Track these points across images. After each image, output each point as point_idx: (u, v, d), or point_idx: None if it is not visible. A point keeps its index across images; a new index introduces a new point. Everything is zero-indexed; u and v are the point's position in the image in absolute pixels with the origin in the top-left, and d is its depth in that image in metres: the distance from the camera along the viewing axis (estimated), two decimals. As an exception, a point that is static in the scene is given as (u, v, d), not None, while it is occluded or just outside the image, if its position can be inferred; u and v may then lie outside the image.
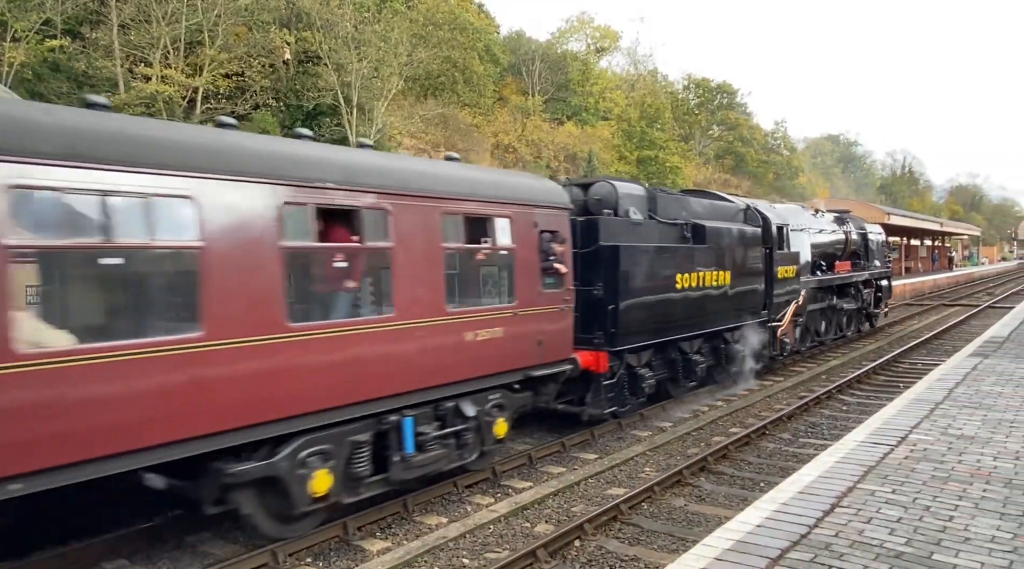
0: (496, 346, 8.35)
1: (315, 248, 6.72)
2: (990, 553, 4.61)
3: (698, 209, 13.56)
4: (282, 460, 6.30)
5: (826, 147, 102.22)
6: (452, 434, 8.02)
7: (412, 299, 7.30)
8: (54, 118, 5.16)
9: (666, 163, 48.44)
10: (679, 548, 6.80)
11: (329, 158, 6.89)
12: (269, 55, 29.72)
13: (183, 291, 5.72)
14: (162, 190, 5.38)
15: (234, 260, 5.77)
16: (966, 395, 9.34)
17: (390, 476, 7.37)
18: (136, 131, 5.56)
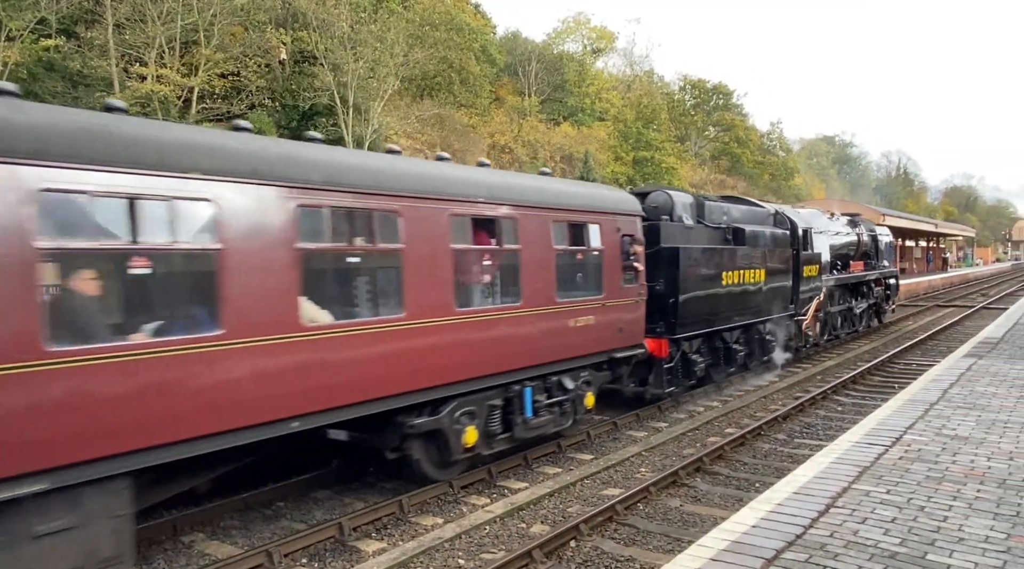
0: (589, 331, 10.04)
1: (471, 249, 8.43)
2: (984, 553, 4.62)
3: (736, 214, 15.03)
4: (445, 417, 8.01)
5: (822, 148, 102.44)
6: (556, 403, 9.70)
7: (533, 291, 9.00)
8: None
9: (662, 164, 48.54)
10: (675, 548, 6.81)
11: (480, 179, 8.67)
12: (265, 55, 29.69)
13: (395, 285, 7.47)
14: (385, 209, 7.48)
15: (424, 260, 7.58)
16: (960, 396, 9.37)
17: (514, 434, 9.05)
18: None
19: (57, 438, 4.81)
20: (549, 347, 9.29)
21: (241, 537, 7.30)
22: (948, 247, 74.35)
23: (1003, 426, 7.76)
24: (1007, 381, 10.30)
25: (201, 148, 5.84)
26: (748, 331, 14.86)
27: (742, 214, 15.30)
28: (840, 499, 5.65)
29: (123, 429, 5.17)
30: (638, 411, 12.24)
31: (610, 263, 10.41)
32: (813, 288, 17.46)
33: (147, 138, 5.53)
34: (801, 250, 16.69)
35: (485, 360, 8.32)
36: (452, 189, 8.04)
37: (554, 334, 9.35)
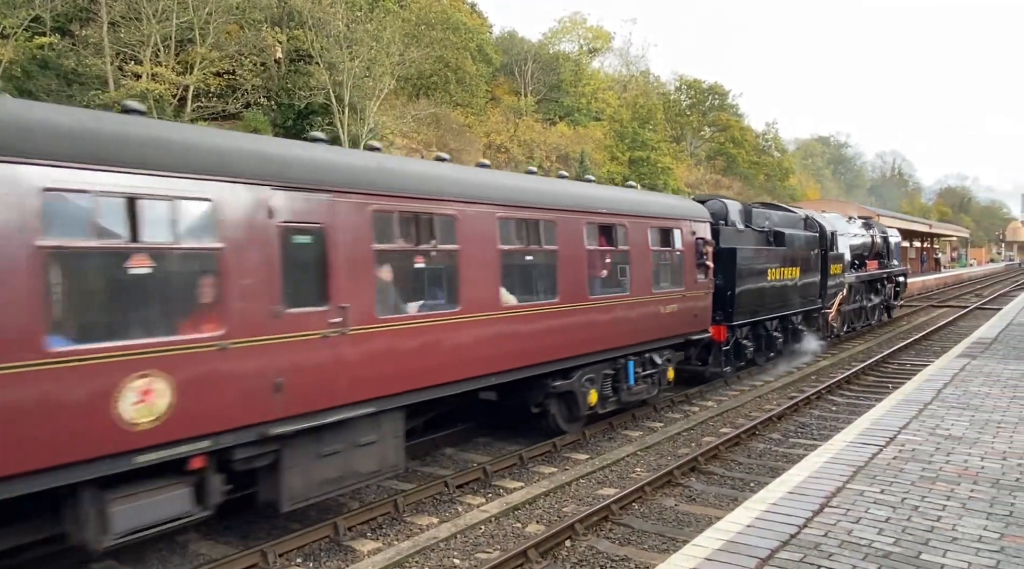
0: (673, 317, 12.26)
1: (597, 250, 10.61)
2: (977, 553, 4.64)
3: (776, 218, 17.05)
4: (575, 381, 10.18)
5: (816, 148, 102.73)
6: (648, 375, 11.83)
7: (637, 283, 11.28)
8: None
9: (658, 164, 48.57)
10: (669, 548, 6.82)
11: (601, 195, 11.09)
12: (260, 53, 29.62)
13: (553, 277, 9.72)
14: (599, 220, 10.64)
15: (569, 259, 9.88)
16: (954, 396, 9.40)
17: (620, 398, 11.20)
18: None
19: (377, 377, 7.22)
20: (646, 329, 11.61)
21: (235, 537, 7.28)
22: (942, 247, 74.56)
23: (996, 426, 7.79)
24: (1001, 381, 10.34)
25: (450, 182, 8.35)
26: (784, 321, 17.03)
27: (780, 219, 17.27)
28: (834, 499, 5.66)
29: (410, 374, 7.61)
30: (634, 411, 12.27)
31: (688, 261, 12.70)
32: (837, 284, 19.48)
33: (432, 177, 8.23)
34: (828, 251, 18.64)
35: (604, 337, 10.63)
36: (587, 204, 10.39)
37: (650, 318, 11.69)
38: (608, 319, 10.65)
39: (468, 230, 8.30)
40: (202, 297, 5.89)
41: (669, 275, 12.28)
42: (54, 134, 5.14)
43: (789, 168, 76.30)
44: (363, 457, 7.27)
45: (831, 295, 19.03)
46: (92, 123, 5.52)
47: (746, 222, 15.75)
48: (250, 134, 8.37)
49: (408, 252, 7.78)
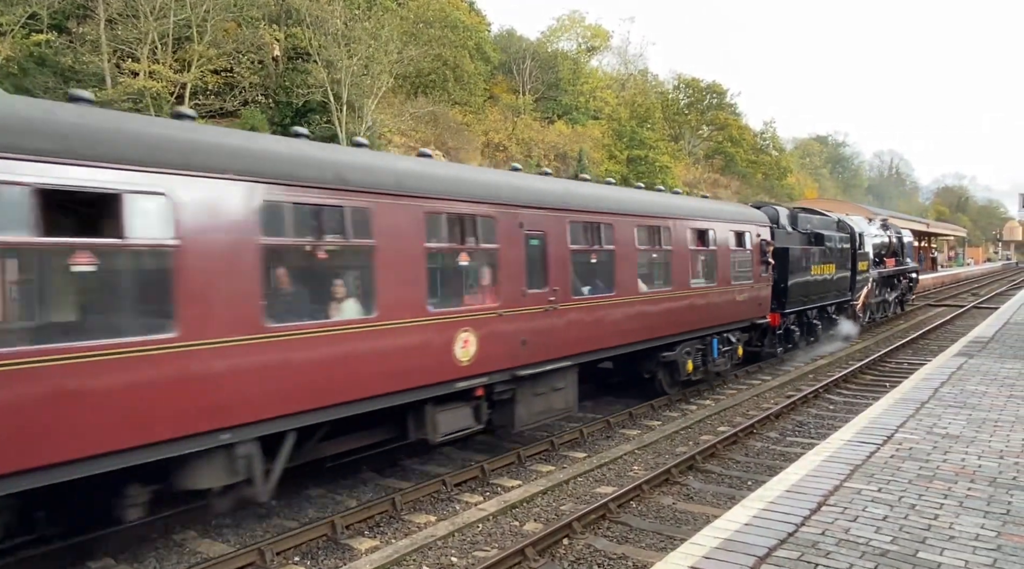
0: (744, 304, 14.83)
1: (699, 249, 13.42)
2: (974, 551, 4.65)
3: (815, 221, 19.61)
4: (678, 353, 12.74)
5: (815, 148, 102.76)
6: (725, 351, 14.30)
7: (721, 276, 13.93)
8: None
9: (656, 163, 48.57)
10: (667, 546, 6.82)
11: (696, 206, 13.92)
12: (258, 51, 29.56)
13: (667, 270, 12.40)
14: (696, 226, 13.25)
15: (679, 256, 12.57)
16: (951, 394, 9.42)
17: (707, 368, 13.73)
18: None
19: (572, 341, 10.02)
20: (725, 313, 14.11)
21: (233, 535, 7.27)
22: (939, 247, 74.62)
23: (993, 424, 7.80)
24: (997, 380, 10.36)
25: (613, 201, 11.20)
26: (822, 311, 19.53)
27: (818, 222, 19.89)
28: (832, 497, 5.67)
29: (587, 339, 10.41)
30: (631, 409, 12.28)
31: (755, 258, 15.32)
32: (863, 279, 22.17)
33: (602, 197, 11.08)
34: (856, 250, 21.24)
35: (698, 319, 13.19)
36: (687, 213, 13.22)
37: (728, 305, 14.22)
38: (702, 304, 13.38)
39: (620, 236, 11.14)
40: (488, 280, 8.89)
41: (742, 269, 14.92)
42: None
43: (787, 167, 76.33)
44: (557, 398, 10.06)
45: (859, 288, 21.63)
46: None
47: (792, 225, 18.24)
48: (504, 172, 10.70)
49: (584, 251, 10.57)
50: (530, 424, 9.75)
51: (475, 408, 8.77)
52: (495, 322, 8.75)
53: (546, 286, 9.56)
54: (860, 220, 23.89)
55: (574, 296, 10.14)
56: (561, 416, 10.55)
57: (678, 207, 13.03)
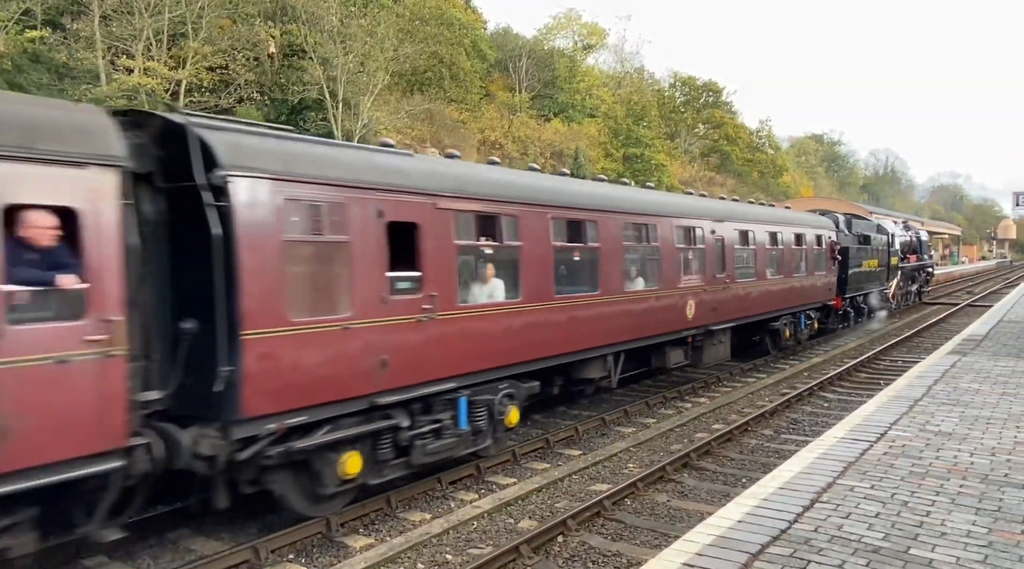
0: (819, 289, 19.45)
1: (795, 248, 17.57)
2: (966, 548, 4.67)
3: (861, 225, 24.22)
4: (780, 324, 17.17)
5: (810, 146, 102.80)
6: (807, 324, 18.84)
7: (809, 267, 18.44)
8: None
9: (652, 161, 48.57)
10: (661, 544, 6.84)
11: (794, 216, 19.16)
12: (254, 48, 29.42)
13: (778, 261, 16.88)
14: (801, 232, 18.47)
15: (786, 251, 17.17)
16: (944, 392, 9.46)
17: (797, 338, 18.16)
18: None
19: (731, 310, 14.61)
20: (809, 296, 18.76)
21: (227, 533, 7.26)
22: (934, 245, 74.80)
23: (986, 422, 7.84)
24: (990, 378, 10.41)
25: (713, 211, 14.60)
26: (866, 297, 23.94)
27: (864, 225, 24.66)
28: (825, 494, 5.69)
29: (740, 309, 14.98)
30: (626, 407, 12.31)
31: (827, 254, 19.94)
32: (894, 272, 27.24)
33: (693, 205, 14.34)
34: (890, 247, 26.33)
35: (793, 298, 17.71)
36: (790, 221, 18.12)
37: (811, 289, 18.81)
38: (797, 288, 17.86)
39: (759, 240, 15.93)
40: (696, 267, 13.50)
41: (817, 263, 19.31)
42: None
43: (783, 165, 76.41)
44: (720, 348, 14.62)
45: (891, 279, 26.82)
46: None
47: (847, 229, 22.49)
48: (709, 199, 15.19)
49: (743, 248, 15.26)
50: (708, 364, 14.61)
51: (684, 350, 13.32)
52: (703, 294, 13.59)
53: (723, 272, 14.38)
54: (889, 223, 29.12)
55: (738, 280, 14.99)
56: (723, 362, 15.24)
57: (783, 216, 18.54)
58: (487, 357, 8.68)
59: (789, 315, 17.68)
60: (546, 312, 9.65)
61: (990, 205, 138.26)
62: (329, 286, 6.98)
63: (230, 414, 6.04)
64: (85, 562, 6.51)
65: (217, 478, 6.33)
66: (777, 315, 16.96)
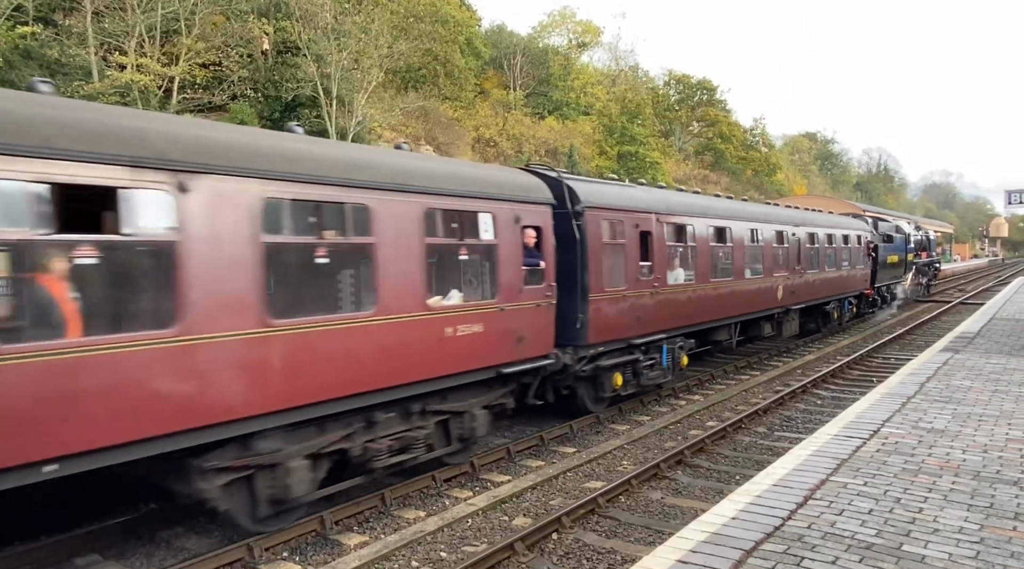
0: (859, 280, 23.44)
1: (842, 247, 21.98)
2: (958, 544, 4.70)
3: (884, 227, 28.16)
4: (831, 307, 21.62)
5: (804, 144, 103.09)
6: (848, 308, 23.14)
7: (851, 262, 22.72)
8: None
9: (646, 158, 48.64)
10: (655, 540, 6.86)
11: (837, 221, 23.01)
12: (247, 45, 29.31)
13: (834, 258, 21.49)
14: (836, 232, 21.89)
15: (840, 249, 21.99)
16: (937, 389, 9.50)
17: (840, 321, 22.57)
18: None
19: (801, 294, 18.68)
20: (850, 285, 22.57)
21: (220, 531, 7.24)
22: (927, 243, 75.04)
23: (978, 419, 7.87)
24: (983, 375, 10.46)
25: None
26: (889, 287, 28.26)
27: (886, 227, 28.50)
28: (818, 491, 5.71)
29: (805, 295, 19.06)
30: (620, 405, 12.33)
31: (864, 252, 23.78)
32: (909, 266, 31.45)
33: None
34: (907, 245, 30.50)
35: (839, 287, 21.43)
36: (838, 224, 21.82)
37: (852, 279, 22.73)
38: (845, 277, 22.19)
39: (823, 240, 19.93)
40: (783, 260, 17.62)
41: (858, 258, 23.54)
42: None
43: (776, 164, 76.61)
44: (793, 324, 18.09)
45: (907, 273, 31.08)
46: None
47: (875, 229, 26.29)
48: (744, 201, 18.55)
49: (815, 250, 19.07)
50: (785, 336, 18.44)
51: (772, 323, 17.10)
52: (786, 282, 17.41)
53: (800, 264, 18.49)
54: (905, 224, 33.23)
55: (808, 270, 18.92)
56: (793, 335, 19.07)
57: (835, 221, 22.59)
58: (678, 319, 13.03)
59: (837, 300, 21.91)
60: (706, 291, 13.94)
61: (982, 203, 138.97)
62: (616, 270, 11.24)
63: (581, 341, 10.51)
64: (77, 561, 6.48)
65: (557, 381, 10.71)
66: (829, 300, 21.13)
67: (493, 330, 8.74)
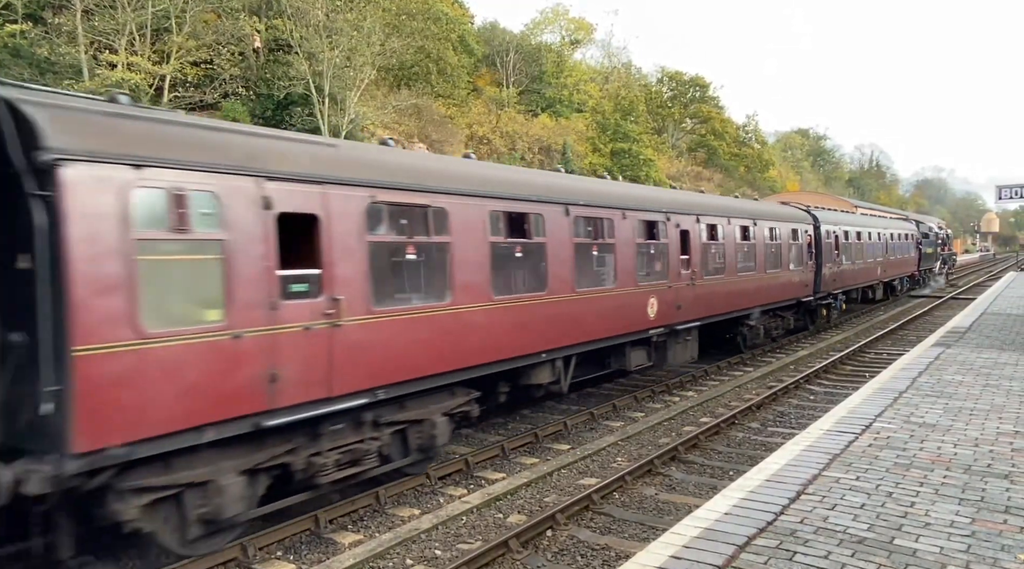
0: (909, 263, 33.94)
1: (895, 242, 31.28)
2: (949, 537, 4.73)
3: (922, 227, 37.18)
4: (896, 283, 33.01)
5: (796, 141, 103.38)
6: (906, 284, 35.43)
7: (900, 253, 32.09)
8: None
9: (640, 156, 48.63)
10: (649, 536, 6.87)
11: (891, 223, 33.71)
12: (239, 43, 29.18)
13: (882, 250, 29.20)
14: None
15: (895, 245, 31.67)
16: (929, 384, 9.55)
17: (897, 292, 33.78)
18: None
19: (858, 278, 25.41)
20: (904, 267, 32.66)
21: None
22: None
23: (969, 413, 7.93)
24: (974, 369, 10.52)
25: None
26: (925, 271, 36.81)
27: (923, 227, 36.81)
28: (811, 486, 5.74)
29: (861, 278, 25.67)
30: (614, 401, 12.34)
31: (913, 244, 34.05)
32: (939, 256, 41.41)
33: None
34: (935, 241, 40.11)
35: (898, 268, 31.43)
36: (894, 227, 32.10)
37: (904, 263, 32.42)
38: (900, 260, 31.17)
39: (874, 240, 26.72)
40: (864, 253, 26.47)
41: (909, 249, 32.82)
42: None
43: (769, 160, 76.78)
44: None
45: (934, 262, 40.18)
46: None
47: (917, 227, 35.00)
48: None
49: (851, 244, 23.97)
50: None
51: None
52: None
53: (884, 256, 28.36)
54: (932, 224, 44.29)
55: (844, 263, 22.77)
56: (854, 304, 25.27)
57: (900, 225, 32.33)
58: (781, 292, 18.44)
59: (897, 279, 31.68)
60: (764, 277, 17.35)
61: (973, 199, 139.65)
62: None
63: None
64: (70, 561, 6.45)
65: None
66: (892, 279, 30.44)
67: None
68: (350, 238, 7.03)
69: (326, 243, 6.79)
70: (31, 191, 5.08)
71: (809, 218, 20.33)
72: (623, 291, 11.51)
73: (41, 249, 5.10)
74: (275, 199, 6.38)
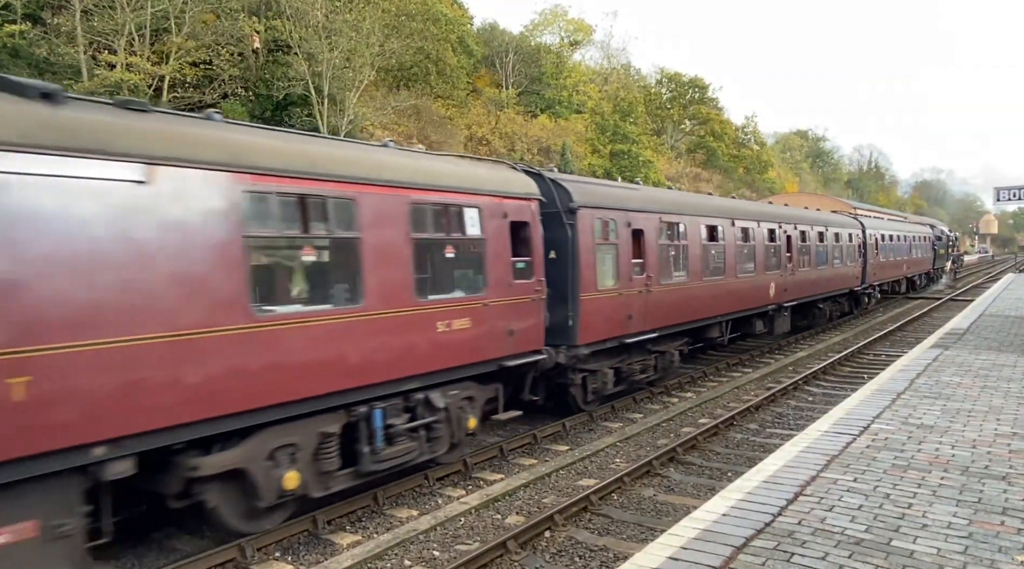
0: (927, 263, 38.89)
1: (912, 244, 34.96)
2: (947, 539, 4.73)
3: (936, 229, 42.86)
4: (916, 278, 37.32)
5: (795, 142, 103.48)
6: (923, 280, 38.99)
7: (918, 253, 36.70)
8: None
9: (639, 157, 48.68)
10: (648, 537, 6.87)
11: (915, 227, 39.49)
12: (238, 43, 29.19)
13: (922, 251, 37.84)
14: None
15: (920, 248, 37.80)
16: (927, 385, 9.56)
17: (916, 287, 37.36)
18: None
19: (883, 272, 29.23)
20: (923, 266, 37.46)
21: (212, 531, 7.22)
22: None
23: (967, 415, 7.93)
24: (972, 371, 10.53)
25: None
26: (939, 269, 41.55)
27: (937, 230, 41.87)
28: (809, 487, 5.74)
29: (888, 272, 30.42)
30: (613, 402, 12.36)
31: (930, 246, 38.72)
32: (950, 256, 45.71)
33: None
34: (948, 243, 45.66)
35: (918, 266, 35.94)
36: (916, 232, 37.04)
37: (923, 262, 37.28)
38: (921, 259, 36.24)
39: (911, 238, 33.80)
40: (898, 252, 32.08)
41: (926, 249, 37.29)
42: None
43: (768, 161, 76.88)
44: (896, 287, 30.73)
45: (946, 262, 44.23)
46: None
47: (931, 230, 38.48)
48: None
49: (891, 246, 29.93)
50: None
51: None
52: (903, 265, 29.40)
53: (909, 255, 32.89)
54: (946, 229, 47.60)
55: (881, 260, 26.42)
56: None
57: (919, 229, 36.13)
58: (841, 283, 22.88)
59: (916, 275, 35.09)
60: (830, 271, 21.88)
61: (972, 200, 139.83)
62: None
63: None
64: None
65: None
66: (913, 274, 34.13)
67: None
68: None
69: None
70: (567, 221, 10.51)
71: (858, 224, 25.75)
72: (759, 277, 16.80)
73: (565, 248, 10.51)
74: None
